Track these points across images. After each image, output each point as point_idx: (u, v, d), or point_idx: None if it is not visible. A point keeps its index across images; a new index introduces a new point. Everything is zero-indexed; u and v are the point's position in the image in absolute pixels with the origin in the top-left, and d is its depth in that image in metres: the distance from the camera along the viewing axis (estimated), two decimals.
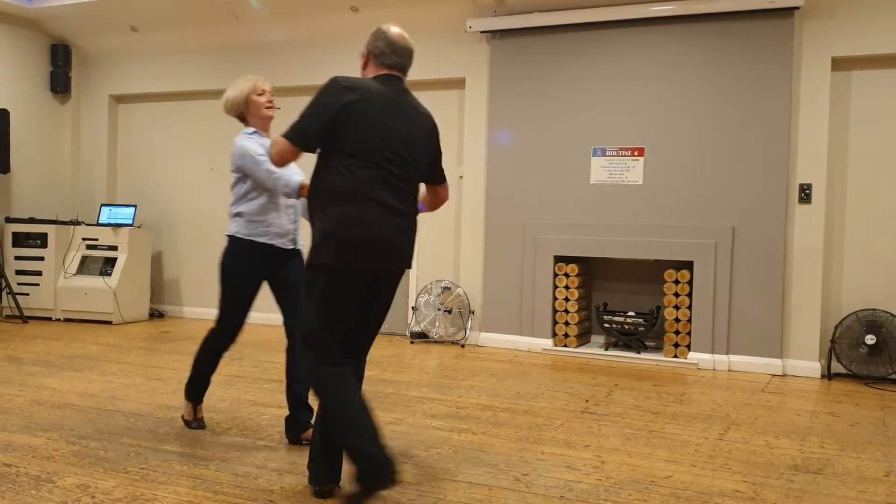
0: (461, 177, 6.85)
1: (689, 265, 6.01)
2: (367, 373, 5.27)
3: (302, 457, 3.40)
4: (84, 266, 7.59)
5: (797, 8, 5.60)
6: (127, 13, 7.64)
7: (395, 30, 2.89)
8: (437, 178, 3.05)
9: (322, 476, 2.89)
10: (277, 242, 3.55)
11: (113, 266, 7.50)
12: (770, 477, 3.30)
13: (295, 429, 3.63)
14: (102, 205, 7.98)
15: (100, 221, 7.83)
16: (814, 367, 5.66)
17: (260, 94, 3.64)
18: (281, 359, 5.78)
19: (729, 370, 5.78)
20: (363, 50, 2.95)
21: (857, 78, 5.71)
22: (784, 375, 5.67)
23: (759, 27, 5.75)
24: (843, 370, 5.62)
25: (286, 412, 4.15)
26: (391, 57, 2.86)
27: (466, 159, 6.77)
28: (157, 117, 8.34)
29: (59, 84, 8.28)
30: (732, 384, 5.30)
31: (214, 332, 3.63)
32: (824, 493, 3.12)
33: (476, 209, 6.73)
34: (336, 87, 2.72)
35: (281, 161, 2.78)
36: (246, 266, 3.54)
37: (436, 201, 3.12)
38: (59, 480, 3.04)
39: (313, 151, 2.78)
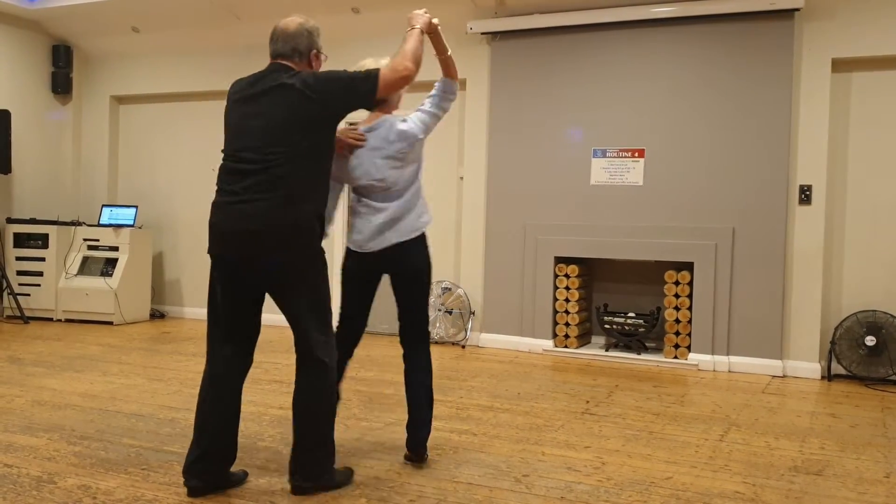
0: (461, 178, 6.86)
1: (689, 266, 6.01)
2: (367, 373, 5.28)
3: None
4: (85, 267, 7.60)
5: (797, 9, 5.61)
6: (128, 14, 7.65)
7: (283, 20, 3.02)
8: (364, 99, 2.95)
9: None
10: None
11: (114, 267, 7.51)
12: (770, 478, 3.31)
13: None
14: (103, 205, 7.99)
15: (101, 222, 7.84)
16: (814, 369, 5.67)
17: None
18: (281, 359, 5.79)
19: (729, 371, 5.78)
20: None
21: (858, 79, 5.72)
22: (784, 376, 5.68)
23: (760, 29, 5.76)
24: (843, 371, 5.63)
25: (288, 413, 4.16)
26: (270, 46, 3.02)
27: (467, 160, 6.78)
28: (158, 118, 8.34)
29: (61, 85, 8.29)
30: (733, 385, 5.30)
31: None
32: (824, 494, 3.12)
33: (476, 210, 6.73)
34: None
35: None
36: None
37: (390, 81, 2.95)
38: (61, 481, 3.05)
39: None
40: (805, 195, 5.72)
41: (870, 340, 5.44)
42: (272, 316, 7.41)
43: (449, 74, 3.35)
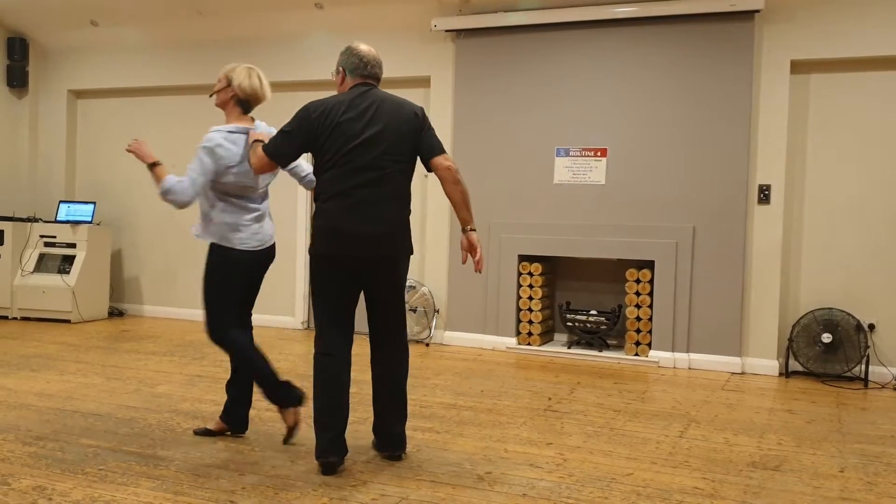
0: (426, 175, 6.85)
1: (650, 265, 6.08)
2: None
3: (265, 456, 3.38)
4: (42, 264, 7.45)
5: (757, 11, 5.69)
6: (87, 7, 7.50)
7: (363, 46, 3.35)
8: (430, 152, 3.33)
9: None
10: None
11: (71, 264, 7.37)
12: (729, 474, 3.36)
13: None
14: (61, 201, 7.83)
15: (58, 218, 7.68)
16: (772, 365, 5.77)
17: None
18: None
19: (689, 368, 5.86)
20: (337, 69, 3.39)
21: (816, 81, 5.83)
22: (743, 373, 5.77)
23: (720, 30, 5.84)
24: (800, 368, 5.74)
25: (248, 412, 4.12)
26: (365, 69, 3.32)
27: None
28: (117, 113, 8.20)
29: (16, 78, 8.10)
30: (692, 382, 5.37)
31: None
32: (781, 489, 3.18)
33: (441, 208, 6.73)
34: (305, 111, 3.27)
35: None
36: None
37: (441, 174, 3.32)
38: (15, 482, 2.98)
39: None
40: (764, 195, 5.81)
41: (826, 338, 5.55)
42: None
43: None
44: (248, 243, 3.48)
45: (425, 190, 6.85)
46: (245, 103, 3.55)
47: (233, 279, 3.48)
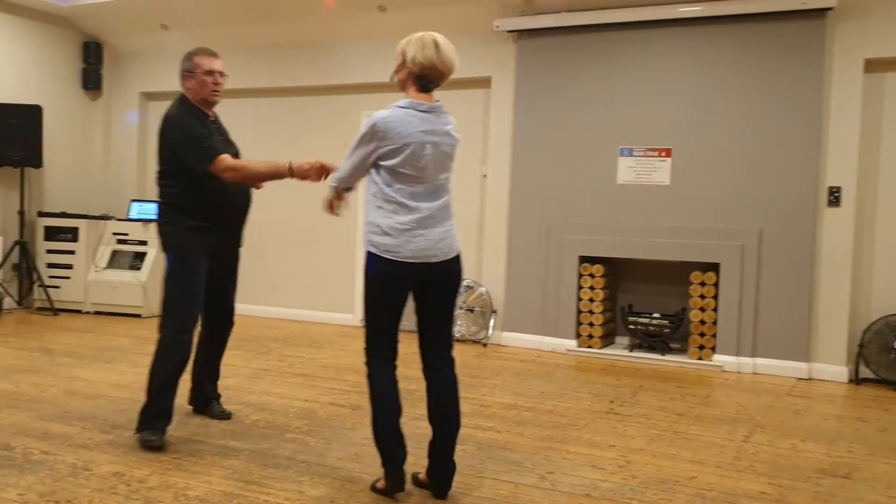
0: (485, 175, 6.88)
1: (715, 267, 5.99)
2: None
3: (330, 448, 3.45)
4: (114, 260, 7.71)
5: (829, 9, 5.56)
6: (158, 11, 7.73)
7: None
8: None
9: None
10: None
11: (142, 260, 7.61)
12: (797, 480, 3.30)
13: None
14: (132, 200, 8.09)
15: (130, 216, 7.94)
16: (841, 372, 5.62)
17: None
18: (305, 353, 5.84)
19: (754, 373, 5.75)
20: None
21: (892, 80, 5.65)
22: (810, 379, 5.64)
23: (790, 28, 5.72)
24: (871, 375, 5.58)
25: (313, 405, 4.20)
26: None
27: (491, 158, 6.79)
28: None
29: (91, 81, 8.40)
30: (757, 387, 5.28)
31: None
32: (853, 497, 3.11)
33: (500, 208, 6.74)
34: None
35: None
36: None
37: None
38: (95, 468, 3.11)
39: None
40: (834, 197, 5.67)
41: None
42: (291, 310, 7.45)
43: None
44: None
45: (483, 190, 6.87)
46: (422, 80, 2.95)
47: None
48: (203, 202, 3.62)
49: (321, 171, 3.43)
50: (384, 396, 2.98)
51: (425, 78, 2.92)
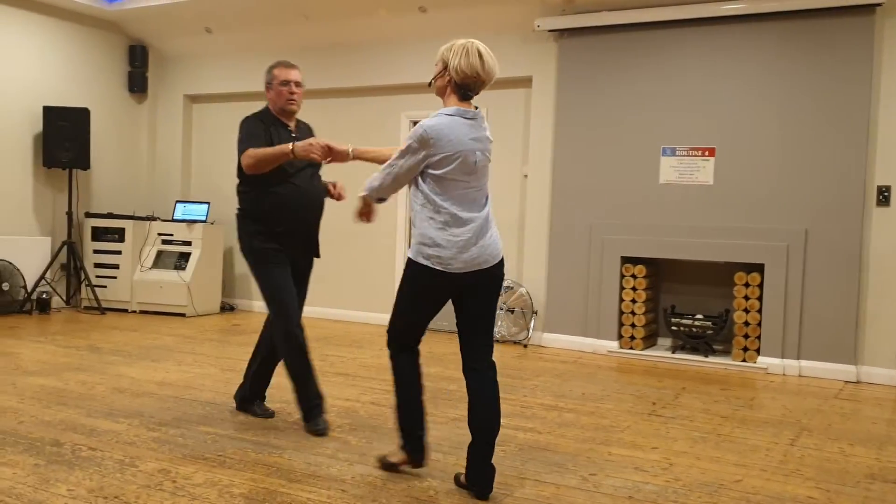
0: (525, 175, 6.86)
1: (759, 268, 5.89)
2: (431, 369, 5.32)
3: (371, 447, 3.47)
4: (159, 260, 7.85)
5: (879, 5, 5.44)
6: (202, 15, 7.86)
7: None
8: None
9: None
10: None
11: (187, 261, 7.74)
12: (845, 485, 3.23)
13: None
14: (177, 201, 8.23)
15: (175, 217, 8.08)
16: (890, 375, 5.49)
17: None
18: (346, 353, 5.88)
19: (799, 375, 5.65)
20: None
21: None
22: (858, 382, 5.52)
23: (837, 25, 5.60)
24: None
25: (354, 405, 4.23)
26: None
27: (531, 158, 6.77)
28: (229, 117, 8.54)
29: (137, 84, 8.57)
30: (803, 390, 5.18)
31: None
32: None
33: (541, 208, 6.72)
34: None
35: None
36: None
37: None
38: (142, 465, 3.17)
39: None
40: (883, 196, 5.54)
41: None
42: (332, 310, 7.49)
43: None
44: None
45: (524, 190, 6.85)
46: (463, 88, 2.91)
47: None
48: (264, 208, 3.74)
49: (326, 152, 3.53)
50: (406, 376, 3.11)
51: (466, 87, 2.90)
